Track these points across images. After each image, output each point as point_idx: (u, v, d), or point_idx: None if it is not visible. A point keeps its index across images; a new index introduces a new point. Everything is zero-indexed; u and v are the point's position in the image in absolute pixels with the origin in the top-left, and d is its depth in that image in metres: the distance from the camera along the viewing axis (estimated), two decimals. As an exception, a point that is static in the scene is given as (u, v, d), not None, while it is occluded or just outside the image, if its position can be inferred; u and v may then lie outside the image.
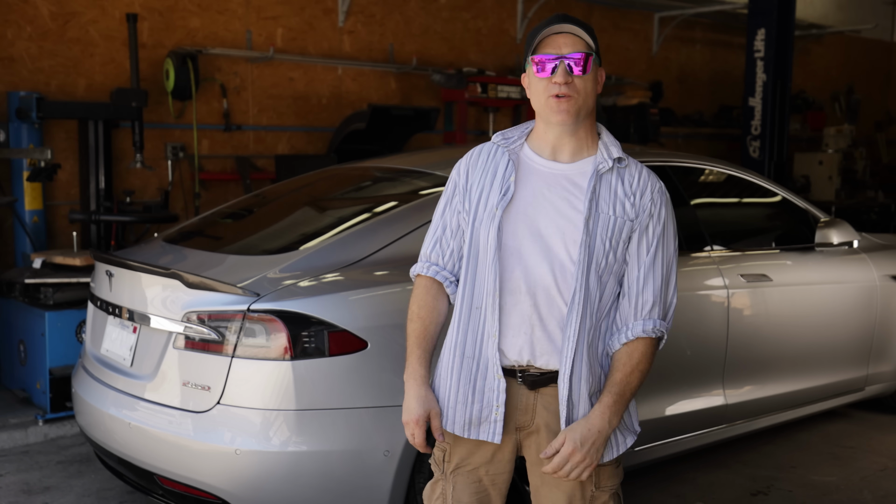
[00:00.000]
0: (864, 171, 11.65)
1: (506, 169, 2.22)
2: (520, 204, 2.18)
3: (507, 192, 2.19)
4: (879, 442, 4.89)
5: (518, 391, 2.22)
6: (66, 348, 4.88)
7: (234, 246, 3.76)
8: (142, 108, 6.07)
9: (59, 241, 6.37)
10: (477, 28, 8.94)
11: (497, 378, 2.20)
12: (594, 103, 2.19)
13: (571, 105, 2.13)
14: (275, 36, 7.46)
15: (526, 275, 2.16)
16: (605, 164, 2.19)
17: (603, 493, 2.26)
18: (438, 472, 2.35)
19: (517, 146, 2.26)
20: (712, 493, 4.16)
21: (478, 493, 2.30)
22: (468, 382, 2.23)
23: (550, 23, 2.15)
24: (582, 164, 2.20)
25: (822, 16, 12.66)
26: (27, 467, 4.41)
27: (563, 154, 2.21)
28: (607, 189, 2.18)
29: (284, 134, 7.61)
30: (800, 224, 4.70)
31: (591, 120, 2.22)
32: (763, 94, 9.36)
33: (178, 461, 3.11)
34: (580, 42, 2.13)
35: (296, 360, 2.97)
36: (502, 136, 2.30)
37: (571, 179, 2.19)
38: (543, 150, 2.23)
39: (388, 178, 4.14)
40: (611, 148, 2.21)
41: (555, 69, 2.12)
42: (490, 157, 2.28)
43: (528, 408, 2.22)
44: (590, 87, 2.15)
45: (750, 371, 4.21)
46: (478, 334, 2.22)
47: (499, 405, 2.20)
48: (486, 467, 2.29)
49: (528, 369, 2.20)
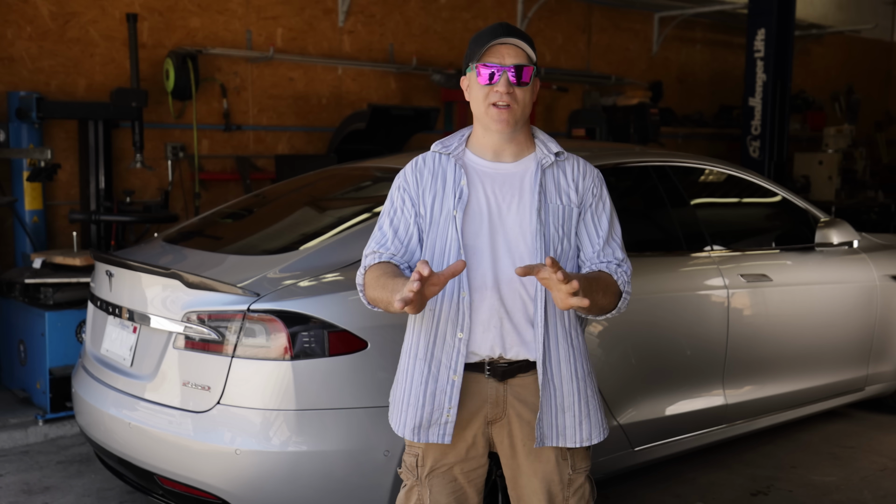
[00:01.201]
0: (864, 171, 11.64)
1: (454, 173, 2.30)
2: (475, 204, 2.27)
3: (461, 195, 2.27)
4: (879, 442, 4.89)
5: (487, 385, 2.27)
6: (66, 348, 4.88)
7: (234, 246, 3.77)
8: (142, 108, 6.07)
9: (59, 241, 6.37)
10: (477, 28, 8.93)
11: (451, 379, 2.24)
12: (530, 111, 2.31)
13: (510, 115, 2.24)
14: (275, 36, 7.46)
15: (490, 271, 2.24)
16: (546, 158, 2.32)
17: (579, 475, 2.35)
18: (412, 479, 2.37)
19: (459, 152, 2.35)
20: (712, 493, 4.16)
21: (455, 493, 2.33)
22: (420, 384, 2.27)
23: (495, 32, 2.24)
24: (525, 161, 2.33)
25: (822, 16, 12.66)
26: (27, 467, 4.41)
27: (506, 155, 2.32)
28: (552, 180, 2.31)
29: (284, 134, 7.61)
30: (800, 224, 4.70)
31: (526, 127, 2.35)
32: (763, 94, 9.36)
33: (178, 461, 3.11)
34: (522, 54, 2.24)
35: (296, 360, 2.97)
36: (441, 145, 2.38)
37: (518, 176, 2.30)
38: (486, 154, 2.33)
39: (388, 178, 4.11)
40: (548, 144, 2.35)
41: (497, 78, 2.22)
42: (435, 164, 2.35)
43: (498, 400, 2.27)
44: (528, 97, 2.27)
45: (750, 371, 4.21)
46: (431, 336, 2.27)
47: (451, 406, 2.24)
48: (460, 465, 2.32)
49: (498, 361, 2.25)
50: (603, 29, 10.13)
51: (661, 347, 3.83)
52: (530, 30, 9.35)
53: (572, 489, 2.34)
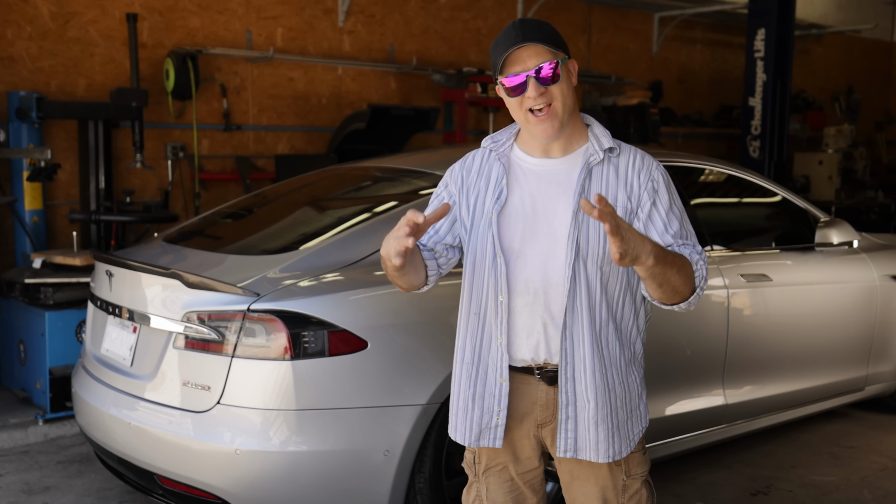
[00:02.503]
0: (864, 171, 11.64)
1: (497, 172, 2.22)
2: (515, 206, 2.19)
3: (500, 196, 2.19)
4: (879, 442, 4.89)
5: (537, 388, 2.22)
6: (66, 348, 4.88)
7: (234, 246, 3.77)
8: (142, 108, 6.07)
9: (59, 241, 6.37)
10: (477, 28, 8.94)
11: (498, 382, 2.20)
12: (573, 101, 2.17)
13: (551, 117, 2.12)
14: (275, 36, 7.46)
15: (531, 275, 2.15)
16: (595, 155, 2.17)
17: (634, 480, 2.27)
18: (472, 475, 2.36)
19: (507, 148, 2.26)
20: (712, 493, 4.16)
21: (512, 492, 2.31)
22: (468, 388, 2.24)
23: (509, 38, 2.10)
24: (573, 156, 2.20)
25: (822, 16, 12.66)
26: (27, 467, 4.41)
27: (554, 151, 2.21)
28: (600, 179, 2.16)
29: (284, 134, 7.61)
30: (800, 224, 4.70)
31: (574, 116, 2.20)
32: (763, 94, 9.36)
33: (178, 461, 3.11)
34: (544, 50, 2.10)
35: (296, 359, 2.97)
36: (492, 140, 2.30)
37: (565, 174, 2.18)
38: (534, 150, 2.23)
39: (388, 178, 4.14)
40: (601, 139, 2.19)
41: (525, 86, 2.10)
42: (483, 161, 2.28)
43: (548, 403, 2.22)
44: (564, 89, 2.13)
45: (750, 371, 4.21)
46: (477, 339, 2.23)
47: (500, 409, 2.21)
48: (514, 466, 2.30)
49: (546, 366, 2.20)
50: (603, 29, 10.12)
51: (660, 347, 3.82)
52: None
53: (627, 495, 2.26)
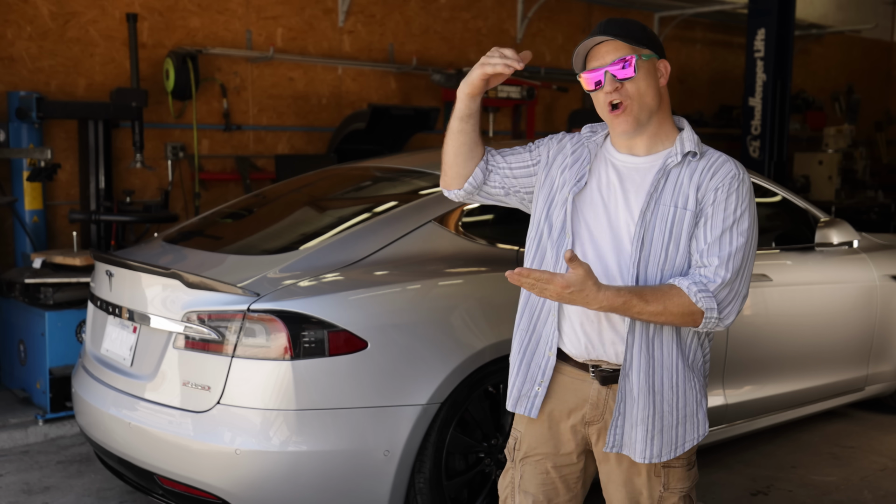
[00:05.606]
0: (864, 171, 11.64)
1: (585, 159, 2.28)
2: (591, 193, 2.23)
3: (580, 180, 2.25)
4: (879, 442, 4.89)
5: (591, 386, 2.23)
6: (66, 348, 4.88)
7: (234, 246, 3.77)
8: (142, 108, 6.07)
9: (59, 241, 6.37)
10: (477, 28, 8.94)
11: (547, 355, 2.24)
12: (656, 99, 2.18)
13: (628, 114, 2.15)
14: (275, 36, 7.46)
15: (593, 263, 2.15)
16: (674, 158, 2.19)
17: (672, 494, 2.25)
18: (510, 461, 2.38)
19: (600, 138, 2.32)
20: (712, 493, 4.16)
21: (545, 485, 2.31)
22: (518, 353, 2.30)
23: (593, 34, 2.18)
24: (656, 157, 2.22)
25: (822, 16, 12.66)
26: (27, 467, 4.41)
27: (638, 148, 2.24)
28: (674, 181, 2.17)
29: (284, 134, 7.61)
30: (800, 224, 4.70)
31: (660, 115, 2.21)
32: (763, 94, 9.36)
33: (178, 461, 3.11)
34: (623, 46, 2.14)
35: (296, 359, 2.97)
36: (590, 129, 2.36)
37: (643, 173, 2.21)
38: (620, 146, 2.27)
39: (388, 178, 4.14)
40: (685, 143, 2.21)
41: (602, 81, 2.16)
42: (577, 144, 2.34)
43: (598, 402, 2.23)
44: (643, 87, 2.15)
45: (750, 371, 4.21)
46: (535, 311, 2.27)
47: (543, 380, 2.24)
48: (552, 459, 2.30)
49: (601, 364, 2.21)
50: (603, 29, 10.11)
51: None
52: (530, 30, 9.35)
53: None
